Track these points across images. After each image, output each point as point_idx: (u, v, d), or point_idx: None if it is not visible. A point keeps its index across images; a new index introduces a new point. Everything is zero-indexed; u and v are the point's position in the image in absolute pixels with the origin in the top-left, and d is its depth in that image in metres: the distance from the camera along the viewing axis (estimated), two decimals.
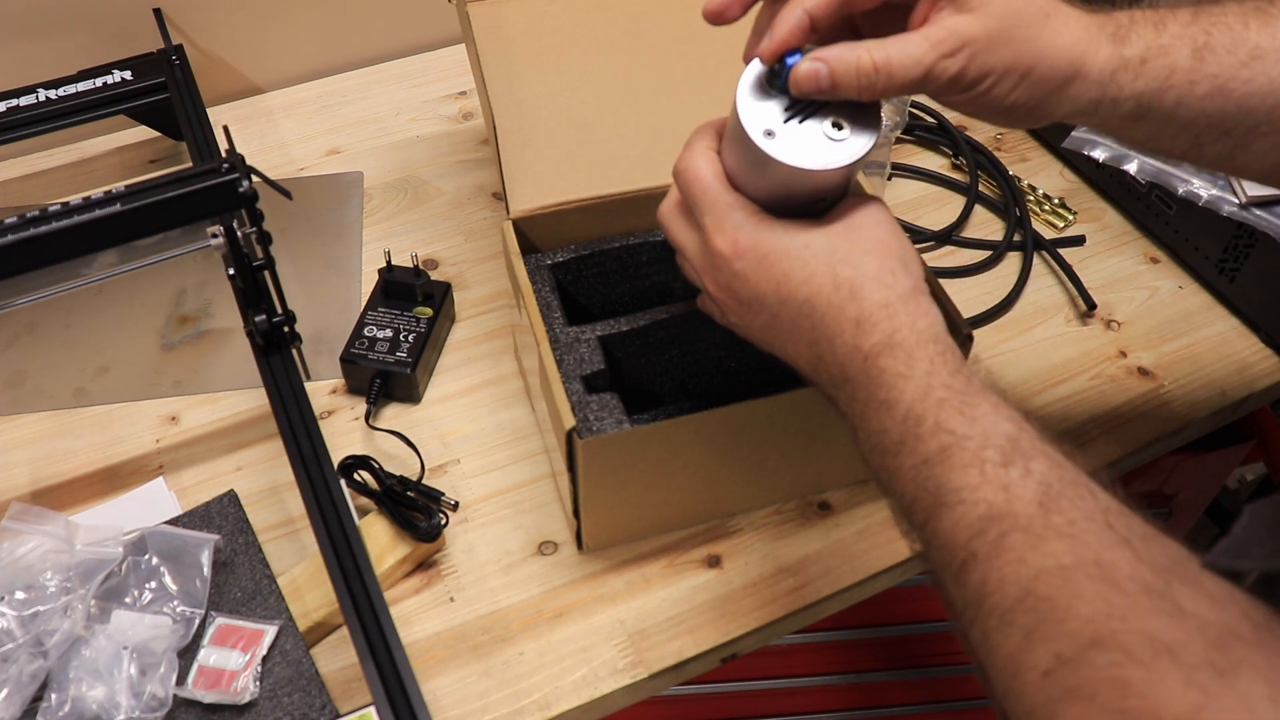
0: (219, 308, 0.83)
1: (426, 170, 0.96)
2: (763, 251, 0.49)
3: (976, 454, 0.43)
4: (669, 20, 0.77)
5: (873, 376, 0.47)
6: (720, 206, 0.51)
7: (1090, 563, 0.38)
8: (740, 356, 0.71)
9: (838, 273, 0.48)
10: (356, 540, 0.62)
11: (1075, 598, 0.37)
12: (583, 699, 0.61)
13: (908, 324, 0.47)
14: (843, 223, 0.50)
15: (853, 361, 0.47)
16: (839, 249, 0.49)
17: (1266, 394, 0.80)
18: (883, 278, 0.48)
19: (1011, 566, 0.39)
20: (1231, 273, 0.82)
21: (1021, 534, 0.40)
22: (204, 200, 0.64)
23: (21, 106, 0.88)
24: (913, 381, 0.45)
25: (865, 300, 0.47)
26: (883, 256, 0.49)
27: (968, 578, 0.41)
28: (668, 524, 0.69)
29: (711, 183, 0.51)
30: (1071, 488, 0.41)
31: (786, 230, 0.50)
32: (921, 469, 0.44)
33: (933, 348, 0.46)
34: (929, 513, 0.43)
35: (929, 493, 0.43)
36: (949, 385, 0.45)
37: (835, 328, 0.48)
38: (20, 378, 0.79)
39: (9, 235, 0.60)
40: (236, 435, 0.75)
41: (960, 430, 0.43)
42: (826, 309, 0.48)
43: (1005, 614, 0.39)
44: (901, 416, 0.45)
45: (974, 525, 0.41)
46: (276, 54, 1.05)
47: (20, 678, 0.57)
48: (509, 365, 0.80)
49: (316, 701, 0.59)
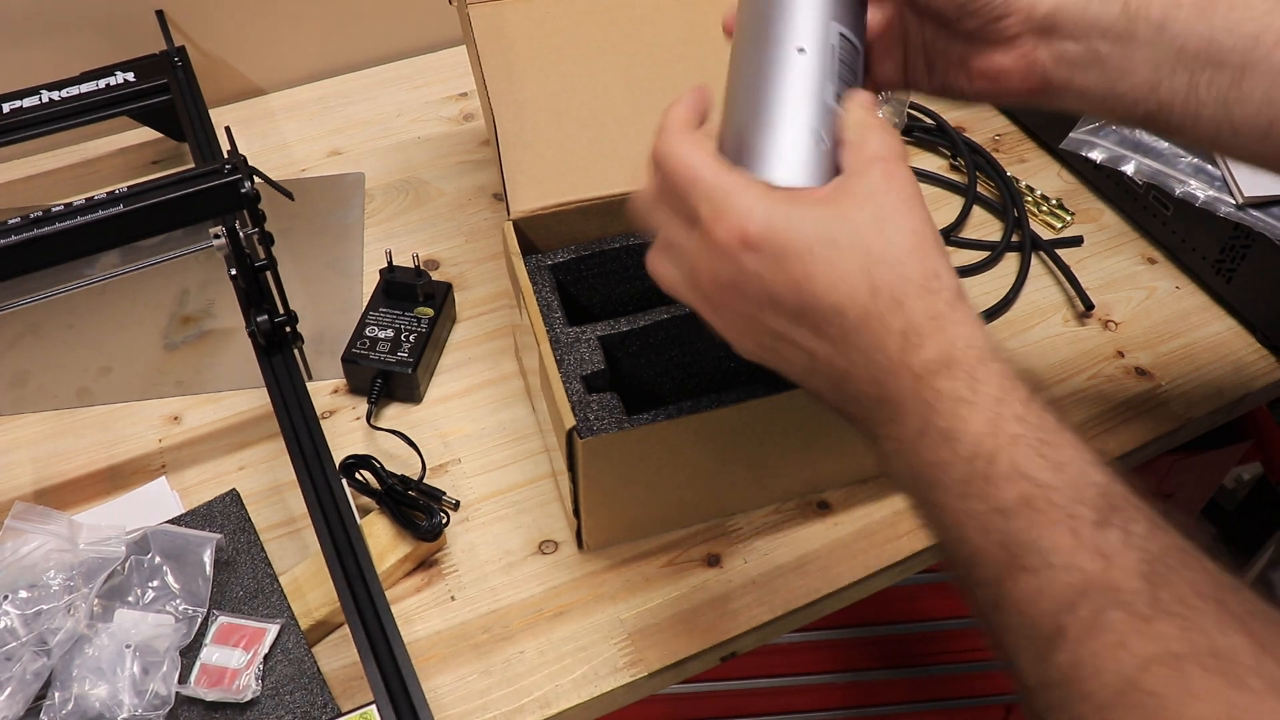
0: (221, 308, 0.84)
1: (427, 171, 0.97)
2: (780, 246, 0.42)
3: (1066, 510, 0.37)
4: (669, 22, 0.77)
5: (927, 400, 0.40)
6: (720, 190, 0.43)
7: (1206, 652, 0.33)
8: (740, 356, 0.71)
9: (875, 276, 0.41)
10: (358, 539, 0.62)
11: (1189, 696, 0.32)
12: (583, 697, 0.61)
13: (963, 339, 0.41)
14: (871, 209, 0.43)
15: (897, 379, 0.41)
16: (873, 245, 0.42)
17: (1263, 394, 0.80)
18: (928, 282, 0.42)
19: (1111, 651, 0.34)
20: (1228, 273, 0.83)
21: (1123, 612, 0.34)
22: (206, 201, 0.65)
23: (25, 108, 0.88)
24: (979, 410, 0.39)
25: (911, 310, 0.41)
26: (923, 255, 0.42)
27: (1054, 657, 0.35)
28: (668, 523, 0.69)
29: (705, 163, 0.44)
30: (1179, 556, 0.36)
31: (805, 219, 0.42)
32: (993, 519, 0.38)
33: (996, 368, 0.40)
34: (1003, 571, 0.38)
35: (1004, 549, 0.38)
36: (1023, 418, 0.39)
37: (874, 340, 0.41)
38: (23, 377, 0.79)
39: (13, 236, 0.60)
40: (238, 435, 0.75)
41: (1043, 478, 0.37)
42: (863, 319, 0.41)
43: (1103, 708, 0.34)
44: (968, 453, 0.39)
45: (1063, 596, 0.36)
46: (278, 55, 1.05)
47: (24, 676, 0.58)
48: (509, 365, 0.80)
49: (318, 700, 0.59)
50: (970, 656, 1.09)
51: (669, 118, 0.47)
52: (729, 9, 0.53)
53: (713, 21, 0.78)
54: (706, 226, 0.43)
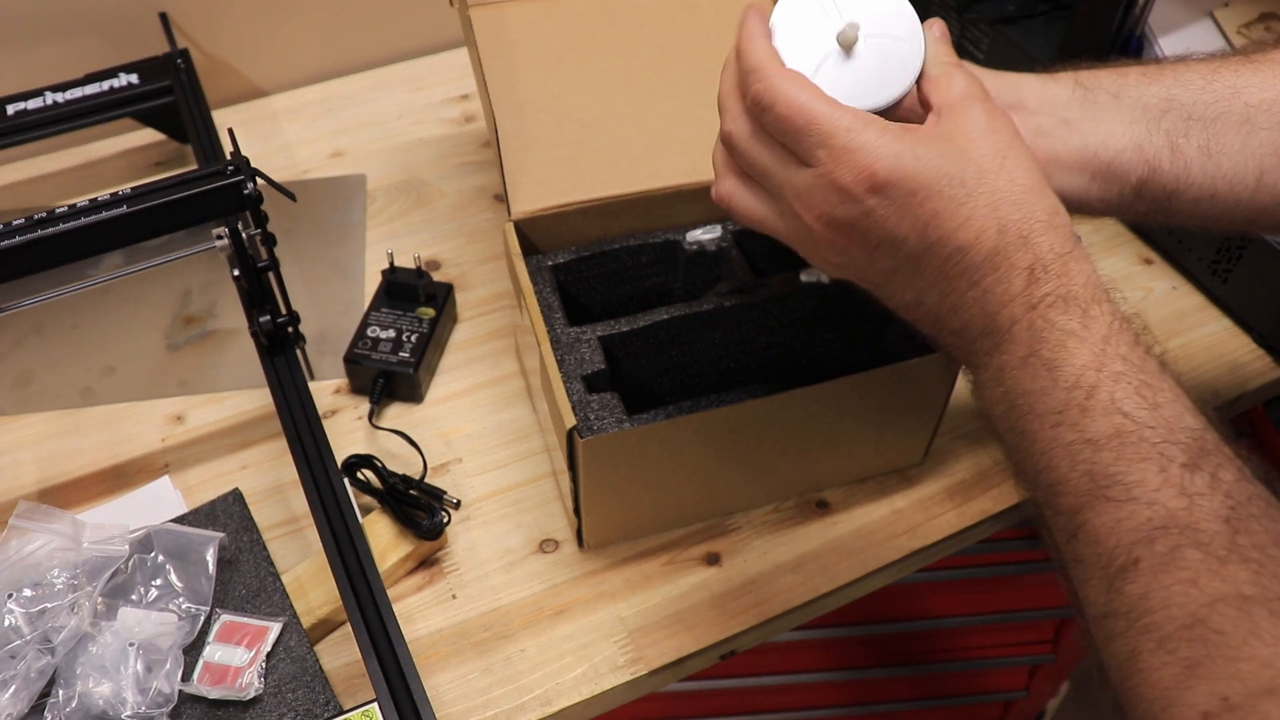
0: (224, 308, 0.84)
1: (429, 172, 0.97)
2: (909, 187, 0.42)
3: (1157, 448, 0.37)
4: (670, 23, 0.77)
5: (1037, 330, 0.41)
6: (840, 131, 0.42)
7: (1276, 597, 0.33)
8: (739, 356, 0.72)
9: (1003, 216, 0.42)
10: (360, 538, 0.62)
11: (1253, 635, 0.33)
12: (583, 695, 0.62)
13: (1082, 275, 0.42)
14: (990, 145, 0.43)
15: (1012, 309, 0.41)
16: (998, 183, 0.42)
17: (1259, 393, 0.81)
18: (1052, 219, 0.42)
19: (1182, 587, 0.35)
20: (1224, 274, 0.83)
21: (1200, 551, 0.35)
22: (209, 202, 0.65)
23: (29, 110, 0.89)
24: (1087, 345, 0.40)
25: (1038, 246, 0.42)
26: (1043, 192, 0.43)
27: (1124, 587, 0.36)
28: (668, 522, 0.69)
29: (818, 102, 0.43)
30: (1262, 506, 0.36)
31: (930, 156, 0.42)
32: (1083, 449, 0.39)
33: (1108, 308, 0.41)
34: (1084, 500, 0.38)
35: (1090, 478, 0.38)
36: (1127, 358, 0.40)
37: (1000, 275, 0.42)
38: (27, 377, 0.80)
39: (17, 237, 0.61)
40: (241, 434, 0.76)
41: (1139, 415, 0.38)
42: (991, 255, 0.42)
43: (1166, 639, 0.34)
44: (1069, 383, 0.39)
45: (1142, 529, 0.36)
46: (280, 57, 1.05)
47: (28, 674, 0.58)
48: (510, 365, 0.80)
49: (320, 698, 0.60)
50: (968, 655, 1.10)
51: (760, 55, 0.45)
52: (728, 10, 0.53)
53: (713, 22, 0.78)
54: (827, 168, 0.43)
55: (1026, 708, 1.26)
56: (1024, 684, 1.20)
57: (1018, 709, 1.25)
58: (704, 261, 0.72)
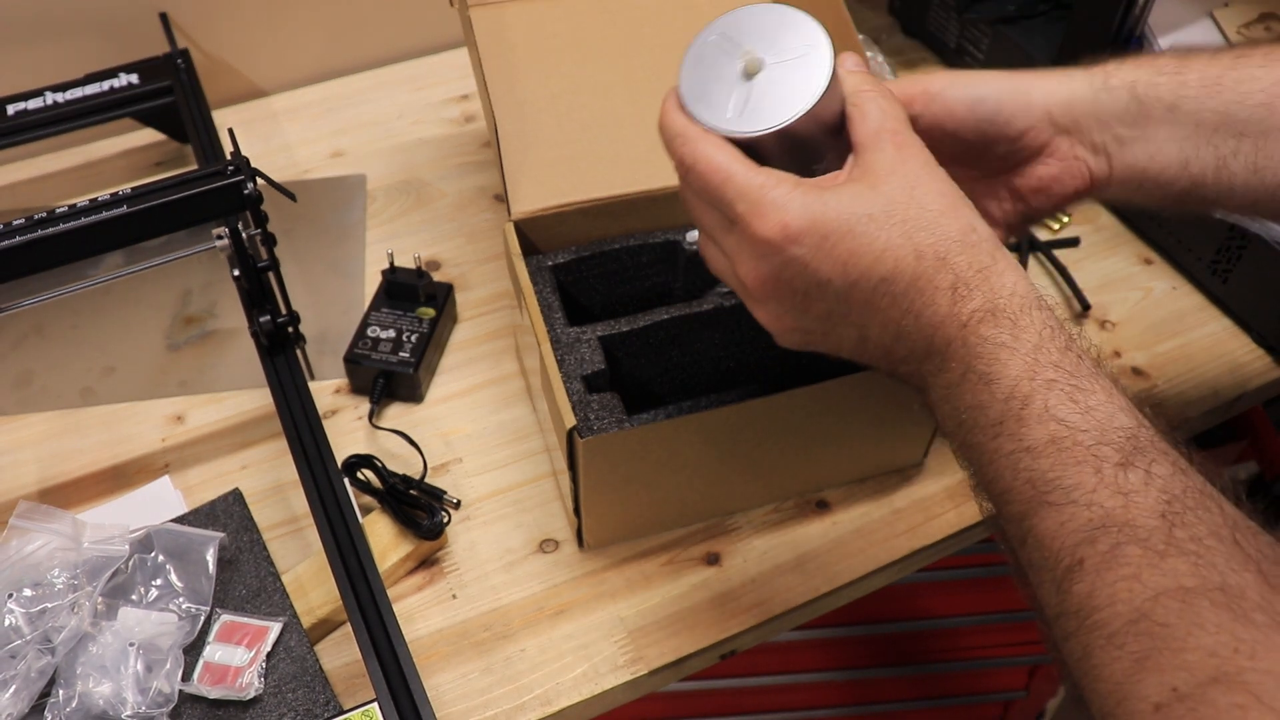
0: (224, 308, 0.84)
1: (429, 172, 0.97)
2: (822, 231, 0.43)
3: (1091, 450, 0.38)
4: (669, 23, 0.77)
5: (971, 345, 0.42)
6: (752, 189, 0.44)
7: (1215, 588, 0.34)
8: (739, 356, 0.72)
9: (916, 241, 0.43)
10: (360, 538, 0.62)
11: (1196, 626, 0.34)
12: (583, 695, 0.62)
13: (1006, 288, 0.43)
14: (898, 179, 0.44)
15: (946, 329, 0.43)
16: (908, 213, 0.44)
17: (1259, 393, 0.81)
18: (966, 237, 0.43)
19: (1125, 583, 0.36)
20: (1224, 274, 0.83)
21: (1139, 547, 0.36)
22: (209, 202, 0.65)
23: (29, 110, 0.89)
24: (1018, 355, 0.41)
25: (956, 264, 0.43)
26: (956, 213, 0.44)
27: (1071, 587, 0.37)
28: (667, 522, 0.69)
29: (730, 165, 0.45)
30: (1197, 498, 0.37)
31: (839, 201, 0.44)
32: (1022, 457, 0.40)
33: (1038, 316, 0.42)
34: (1028, 507, 0.40)
35: (1031, 486, 0.39)
36: (1058, 365, 0.41)
37: (925, 298, 0.43)
38: (28, 377, 0.80)
39: (17, 237, 0.61)
40: (241, 434, 0.76)
41: (1072, 420, 0.39)
42: (912, 282, 0.43)
43: (1114, 635, 0.36)
44: (1004, 395, 0.41)
45: (1083, 530, 0.37)
46: (281, 57, 1.05)
47: (28, 674, 0.58)
48: (510, 365, 0.80)
49: (320, 697, 0.60)
50: (968, 654, 1.10)
51: (680, 122, 0.48)
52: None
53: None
54: (744, 224, 0.45)
55: (1026, 708, 1.26)
56: (1024, 684, 1.21)
57: (1018, 709, 1.25)
58: (704, 261, 0.72)
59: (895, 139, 0.46)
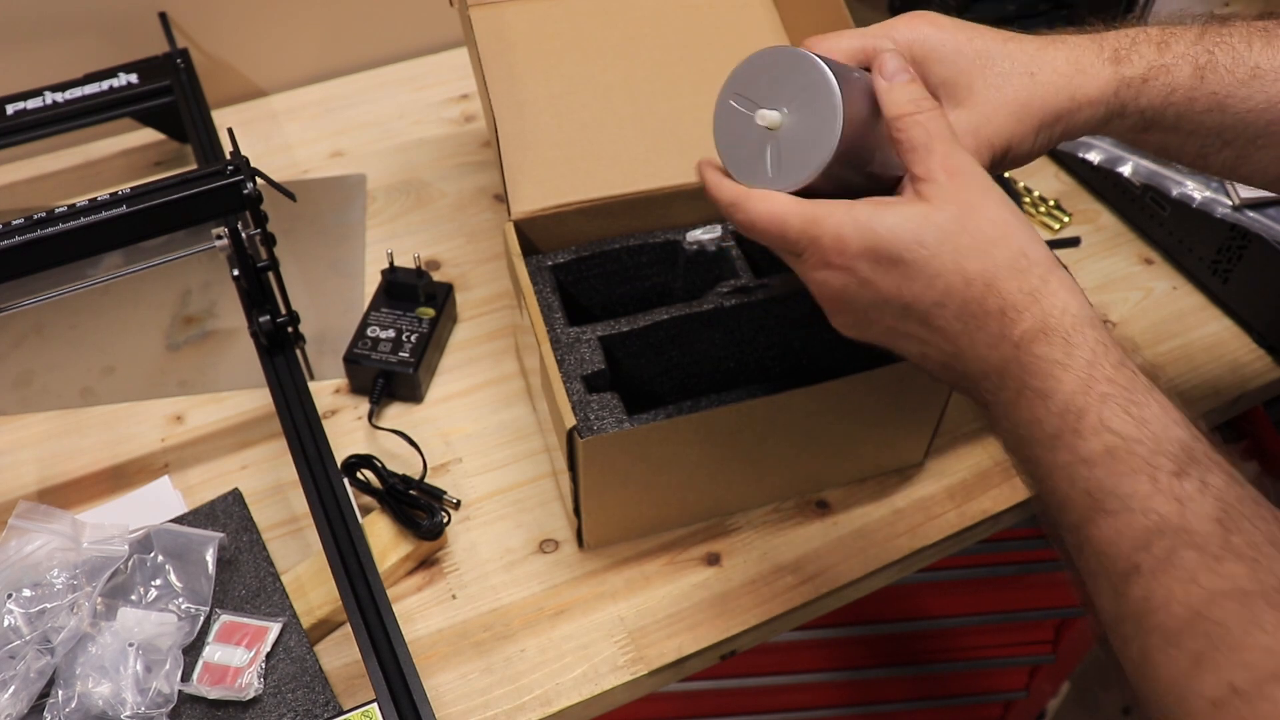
0: (223, 308, 0.84)
1: (429, 172, 0.97)
2: (875, 255, 0.45)
3: (1147, 460, 0.39)
4: (669, 23, 0.77)
5: (1025, 364, 0.43)
6: (808, 226, 0.47)
7: (1273, 590, 0.35)
8: (739, 356, 0.72)
9: (966, 268, 0.44)
10: (359, 538, 0.62)
11: (1255, 626, 0.34)
12: (583, 695, 0.62)
13: (1058, 308, 0.44)
14: (954, 206, 0.46)
15: (1000, 349, 0.44)
16: (959, 241, 0.45)
17: (1259, 393, 0.81)
18: (1016, 262, 0.44)
19: (1182, 586, 0.37)
20: (1225, 274, 0.83)
21: (1196, 551, 0.37)
22: (209, 202, 0.65)
23: (29, 109, 0.89)
24: (1072, 371, 0.42)
25: (1005, 290, 0.44)
26: (1007, 240, 0.45)
27: (1128, 591, 0.38)
28: (667, 522, 0.69)
29: (783, 213, 0.48)
30: (1252, 507, 0.38)
31: (892, 225, 0.45)
32: (1079, 468, 0.41)
33: (1091, 334, 0.43)
34: (1085, 516, 0.41)
35: (1088, 495, 0.41)
36: (1113, 379, 0.42)
37: (976, 322, 0.45)
38: (27, 377, 0.80)
39: (16, 237, 0.61)
40: (241, 434, 0.76)
41: (1127, 432, 0.40)
42: (963, 306, 0.45)
43: (1172, 635, 0.36)
44: (1060, 409, 0.42)
45: (1140, 536, 0.38)
46: (280, 57, 1.05)
47: (28, 674, 0.58)
48: (510, 365, 0.80)
49: (320, 698, 0.60)
50: (968, 654, 1.10)
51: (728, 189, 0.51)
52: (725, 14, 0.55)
53: (712, 23, 0.78)
54: (809, 255, 0.48)
55: (1026, 708, 1.26)
56: (1024, 684, 1.21)
57: (1018, 709, 1.25)
58: (704, 261, 0.72)
59: (945, 165, 0.47)
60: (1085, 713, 1.54)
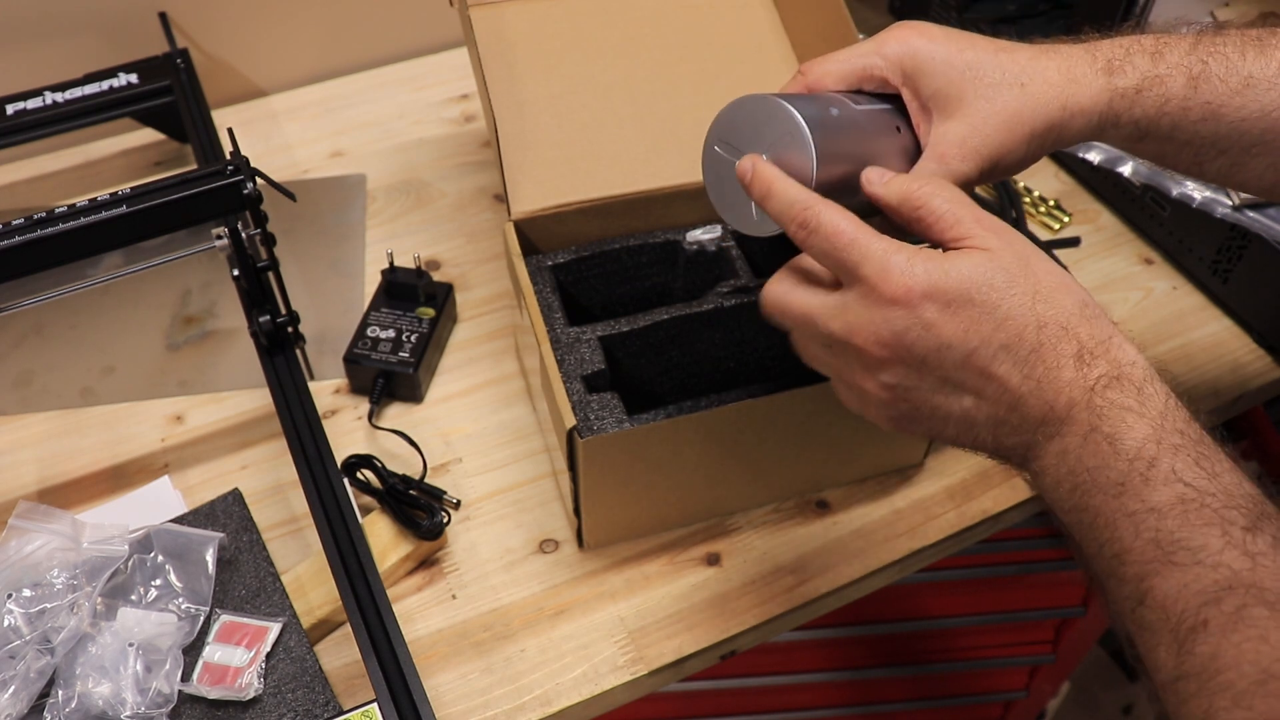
0: (223, 308, 0.84)
1: (429, 172, 0.97)
2: (945, 298, 0.44)
3: (1219, 513, 0.39)
4: (669, 23, 0.77)
5: (1096, 408, 0.42)
6: (876, 254, 0.45)
7: None
8: (739, 356, 0.72)
9: (1039, 311, 0.44)
10: (359, 538, 0.62)
11: None
12: (583, 695, 0.62)
13: (1128, 359, 0.44)
14: (1012, 255, 0.45)
15: (1070, 392, 0.43)
16: (1027, 286, 0.45)
17: (1259, 393, 0.81)
18: (1086, 312, 0.45)
19: (1252, 644, 0.36)
20: (1225, 274, 0.83)
21: (1267, 609, 0.36)
22: (209, 202, 0.65)
23: (29, 109, 0.89)
24: (1145, 420, 0.42)
25: (1080, 335, 0.44)
26: (1070, 290, 0.45)
27: (1195, 648, 0.37)
28: (667, 522, 0.69)
29: (855, 231, 0.46)
30: None
31: (959, 268, 0.45)
32: (1147, 517, 0.40)
33: (1160, 387, 0.43)
34: (1149, 567, 0.40)
35: (1155, 545, 0.39)
36: (1184, 432, 0.41)
37: (1047, 365, 0.44)
38: (27, 377, 0.80)
39: (16, 237, 0.61)
40: (241, 434, 0.76)
41: (1200, 484, 0.40)
42: (1035, 349, 0.44)
43: (1241, 696, 0.35)
44: (1130, 455, 0.41)
45: (1208, 591, 0.37)
46: (280, 57, 1.05)
47: (27, 674, 0.58)
48: (510, 365, 0.80)
49: (320, 698, 0.60)
50: (968, 654, 1.10)
51: (795, 189, 0.49)
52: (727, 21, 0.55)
53: (712, 23, 0.78)
54: (870, 285, 0.45)
55: (1026, 708, 1.26)
56: (1024, 684, 1.21)
57: (1018, 709, 1.25)
58: (704, 261, 0.72)
59: (982, 222, 0.47)
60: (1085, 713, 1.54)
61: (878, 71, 0.55)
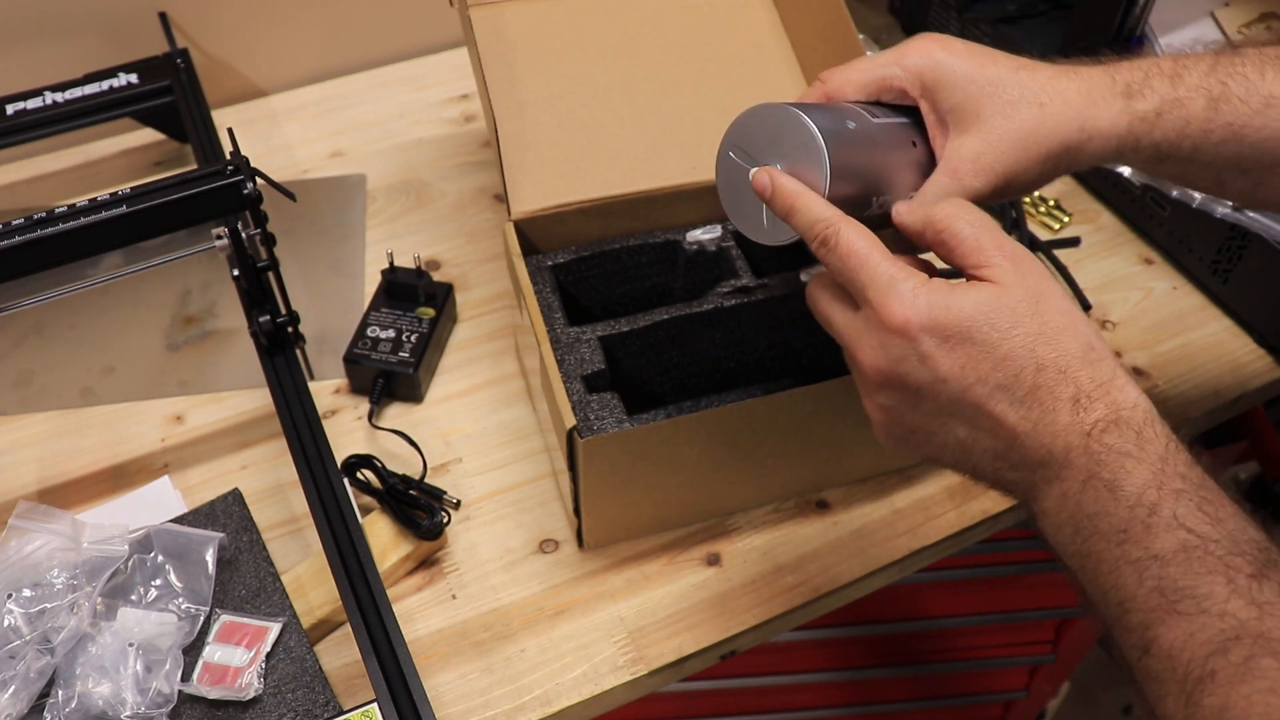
0: (223, 308, 0.84)
1: (429, 172, 0.97)
2: (944, 332, 0.44)
3: (1223, 560, 0.38)
4: (669, 23, 0.77)
5: (1094, 453, 0.42)
6: (882, 279, 0.46)
7: None
8: (739, 356, 0.72)
9: (1039, 354, 0.44)
10: (359, 538, 0.62)
11: None
12: (583, 695, 0.62)
13: (1129, 402, 0.43)
14: (1023, 292, 0.45)
15: (1066, 437, 0.43)
16: (1031, 326, 0.44)
17: (1259, 393, 0.81)
18: (1087, 354, 0.44)
19: (1261, 696, 0.35)
20: (1225, 274, 0.83)
21: (1276, 660, 0.36)
22: (209, 202, 0.65)
23: (29, 109, 0.89)
24: (1145, 465, 0.41)
25: (1078, 379, 0.44)
26: (1076, 331, 0.45)
27: (1202, 700, 0.37)
28: (667, 522, 0.69)
29: (869, 252, 0.47)
30: None
31: (963, 304, 0.45)
32: (1150, 565, 0.39)
33: (1161, 429, 0.43)
34: (1154, 616, 0.39)
35: (1159, 594, 0.39)
36: (1185, 476, 0.41)
37: (1044, 408, 0.43)
38: (27, 377, 0.80)
39: (16, 237, 0.61)
40: (241, 434, 0.76)
41: (1202, 530, 0.39)
42: (1032, 391, 0.44)
43: None
44: (1131, 501, 0.41)
45: (1215, 641, 0.37)
46: (280, 57, 1.05)
47: (28, 674, 0.58)
48: (510, 365, 0.80)
49: (320, 698, 0.60)
50: (968, 654, 1.10)
51: (820, 206, 0.49)
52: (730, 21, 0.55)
53: (712, 23, 0.78)
54: (872, 309, 0.46)
55: (1026, 708, 1.26)
56: (1024, 684, 1.21)
57: (1018, 709, 1.25)
58: (704, 261, 0.72)
59: (1003, 250, 0.46)
60: (1085, 713, 1.54)
61: (897, 82, 0.55)
